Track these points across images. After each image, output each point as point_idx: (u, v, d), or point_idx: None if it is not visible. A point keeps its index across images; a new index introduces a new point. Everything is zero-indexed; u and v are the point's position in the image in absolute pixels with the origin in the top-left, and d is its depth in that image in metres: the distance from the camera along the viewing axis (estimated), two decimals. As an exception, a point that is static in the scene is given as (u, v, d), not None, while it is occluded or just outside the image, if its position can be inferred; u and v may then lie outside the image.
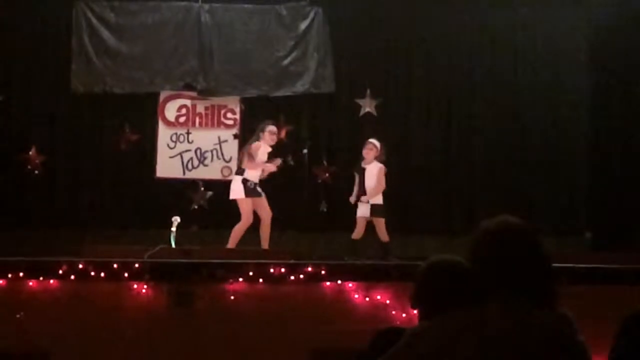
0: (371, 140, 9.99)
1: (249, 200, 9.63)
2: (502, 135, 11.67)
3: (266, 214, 9.69)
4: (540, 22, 11.77)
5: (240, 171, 9.79)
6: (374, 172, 9.85)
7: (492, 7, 11.71)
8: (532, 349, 2.33)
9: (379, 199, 9.82)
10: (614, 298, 6.21)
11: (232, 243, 9.50)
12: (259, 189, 9.72)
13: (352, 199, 9.98)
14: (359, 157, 10.09)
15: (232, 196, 9.74)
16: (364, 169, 9.91)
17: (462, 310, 2.55)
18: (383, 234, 9.73)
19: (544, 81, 11.74)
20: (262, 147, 9.77)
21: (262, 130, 9.85)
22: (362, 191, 9.85)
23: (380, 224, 9.74)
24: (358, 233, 9.77)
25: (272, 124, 10.04)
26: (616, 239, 10.15)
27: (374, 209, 9.75)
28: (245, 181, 9.64)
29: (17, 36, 11.27)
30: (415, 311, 3.07)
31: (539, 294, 2.43)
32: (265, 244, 9.59)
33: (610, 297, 6.34)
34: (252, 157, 9.70)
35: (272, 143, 9.90)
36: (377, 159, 9.91)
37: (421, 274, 3.04)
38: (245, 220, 9.62)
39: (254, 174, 9.70)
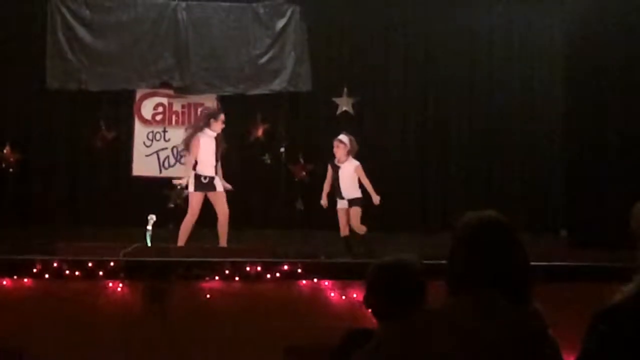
0: (339, 137, 9.86)
1: (199, 194, 9.56)
2: (478, 134, 11.74)
3: (221, 210, 9.56)
4: (516, 20, 11.85)
5: (194, 165, 9.67)
6: (350, 170, 9.79)
7: (469, 6, 11.74)
8: (504, 344, 2.33)
9: (357, 193, 9.75)
10: (589, 295, 6.23)
11: (181, 239, 9.44)
12: (215, 183, 9.60)
13: (324, 202, 9.90)
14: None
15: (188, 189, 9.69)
16: (338, 167, 9.83)
17: (434, 308, 2.56)
18: (358, 226, 9.63)
19: (519, 79, 11.83)
20: (202, 140, 9.64)
21: (212, 117, 9.78)
22: (337, 190, 9.77)
23: (355, 212, 9.65)
24: (344, 229, 9.70)
25: (222, 114, 9.89)
26: (591, 236, 10.21)
27: (351, 201, 9.72)
28: (197, 176, 9.57)
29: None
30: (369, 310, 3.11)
31: (514, 290, 2.43)
32: (222, 241, 9.49)
33: (585, 295, 6.36)
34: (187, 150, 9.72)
35: (219, 131, 9.73)
36: (350, 154, 9.81)
37: (370, 274, 3.09)
38: (190, 215, 9.57)
39: (207, 169, 9.58)
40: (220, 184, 9.66)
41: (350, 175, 9.76)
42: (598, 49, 10.79)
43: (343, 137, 9.84)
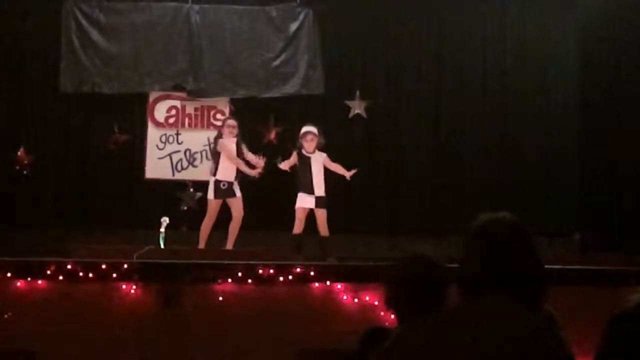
0: (309, 129, 9.66)
1: (218, 201, 9.64)
2: (492, 137, 11.70)
3: (237, 213, 9.60)
4: (530, 22, 11.82)
5: (213, 171, 9.73)
6: (320, 162, 9.59)
7: (482, 9, 11.73)
8: (517, 347, 2.33)
9: (322, 191, 9.52)
10: (602, 299, 6.23)
11: (201, 243, 9.49)
12: (235, 189, 9.63)
13: (284, 165, 9.78)
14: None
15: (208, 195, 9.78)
16: (308, 159, 9.60)
17: (446, 310, 2.55)
18: (324, 228, 9.42)
19: (534, 81, 11.79)
20: (227, 143, 9.67)
21: (222, 126, 9.97)
22: (308, 184, 9.51)
23: (322, 215, 9.43)
24: (299, 226, 9.47)
25: (231, 119, 10.09)
26: (605, 240, 10.17)
27: (319, 200, 9.48)
28: (217, 182, 9.60)
29: (6, 35, 11.22)
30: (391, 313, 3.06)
31: (528, 293, 2.43)
32: (229, 243, 9.50)
33: (599, 299, 6.35)
34: (218, 155, 9.70)
35: (233, 136, 9.76)
36: (318, 146, 9.66)
37: (397, 269, 3.04)
38: (208, 219, 9.62)
39: (228, 174, 9.62)
40: (238, 189, 9.67)
41: (321, 168, 9.57)
42: (612, 50, 10.76)
43: (313, 128, 9.65)
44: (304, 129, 9.70)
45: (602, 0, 11.08)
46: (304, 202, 9.49)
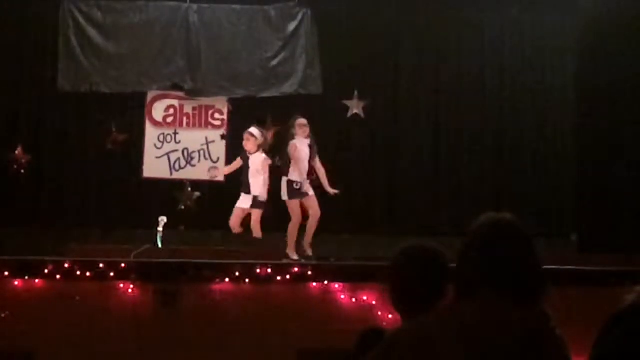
0: (249, 130, 9.65)
1: (296, 200, 9.34)
2: (490, 137, 11.72)
3: (314, 212, 9.34)
4: (527, 24, 11.83)
5: (285, 172, 9.41)
6: (256, 163, 9.52)
7: (480, 9, 11.74)
8: (513, 348, 2.33)
9: (258, 191, 9.44)
10: (600, 300, 6.23)
11: (290, 243, 9.23)
12: (305, 189, 9.34)
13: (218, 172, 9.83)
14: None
15: (282, 196, 9.43)
16: (247, 158, 9.59)
17: (441, 309, 2.55)
18: (257, 229, 9.33)
19: (531, 82, 11.80)
20: (298, 143, 9.44)
21: (293, 126, 9.54)
22: (245, 183, 9.52)
23: (255, 215, 9.36)
24: (237, 227, 9.44)
25: (300, 116, 9.63)
26: (602, 241, 10.18)
27: (254, 200, 9.42)
28: (289, 182, 9.33)
29: (3, 34, 11.21)
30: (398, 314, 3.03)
31: (525, 293, 2.43)
32: (307, 241, 9.30)
33: (596, 299, 6.36)
34: (291, 157, 9.38)
35: (305, 137, 9.50)
36: (261, 148, 9.59)
37: (400, 259, 3.00)
38: (295, 219, 9.30)
39: (299, 175, 9.35)
40: (310, 188, 9.43)
41: (258, 169, 9.49)
42: (611, 50, 10.76)
43: (254, 129, 9.66)
44: (248, 130, 9.66)
45: (601, 0, 11.08)
46: (242, 202, 9.49)
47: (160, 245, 8.84)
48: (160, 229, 8.99)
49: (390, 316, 6.70)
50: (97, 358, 6.74)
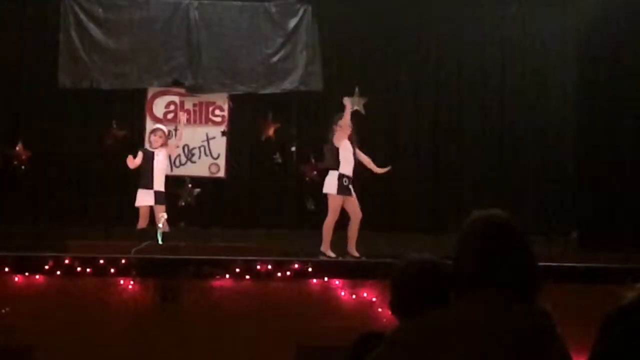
0: (157, 126, 10.03)
1: (340, 197, 9.23)
2: (490, 135, 11.72)
3: (355, 213, 9.27)
4: (528, 19, 11.82)
5: (336, 165, 9.33)
6: (160, 159, 9.72)
7: (480, 5, 11.73)
8: (513, 345, 2.33)
9: (161, 186, 9.63)
10: (600, 297, 6.24)
11: (325, 240, 9.16)
12: (351, 187, 9.30)
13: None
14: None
15: (325, 190, 9.37)
16: (152, 153, 9.73)
17: (442, 309, 2.54)
18: (165, 224, 9.20)
19: (532, 80, 11.79)
20: (342, 142, 9.41)
21: (335, 124, 9.50)
22: (148, 178, 9.63)
23: (159, 211, 9.39)
24: (144, 222, 9.53)
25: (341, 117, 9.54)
26: (602, 238, 10.19)
27: (157, 195, 9.57)
28: (341, 177, 9.24)
29: (4, 31, 11.20)
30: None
31: (520, 290, 2.43)
32: (352, 244, 9.21)
33: (597, 296, 6.37)
34: (336, 148, 9.34)
35: (349, 132, 9.47)
36: (164, 145, 9.80)
37: (396, 277, 3.01)
38: (332, 216, 9.23)
39: (349, 170, 9.29)
40: (352, 189, 9.34)
41: (163, 166, 9.72)
42: (611, 49, 10.77)
43: (162, 125, 10.04)
44: (155, 125, 10.07)
45: (601, 0, 11.08)
46: (144, 199, 9.59)
47: (160, 242, 8.84)
48: (160, 225, 8.99)
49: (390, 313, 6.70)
50: (97, 354, 6.75)
